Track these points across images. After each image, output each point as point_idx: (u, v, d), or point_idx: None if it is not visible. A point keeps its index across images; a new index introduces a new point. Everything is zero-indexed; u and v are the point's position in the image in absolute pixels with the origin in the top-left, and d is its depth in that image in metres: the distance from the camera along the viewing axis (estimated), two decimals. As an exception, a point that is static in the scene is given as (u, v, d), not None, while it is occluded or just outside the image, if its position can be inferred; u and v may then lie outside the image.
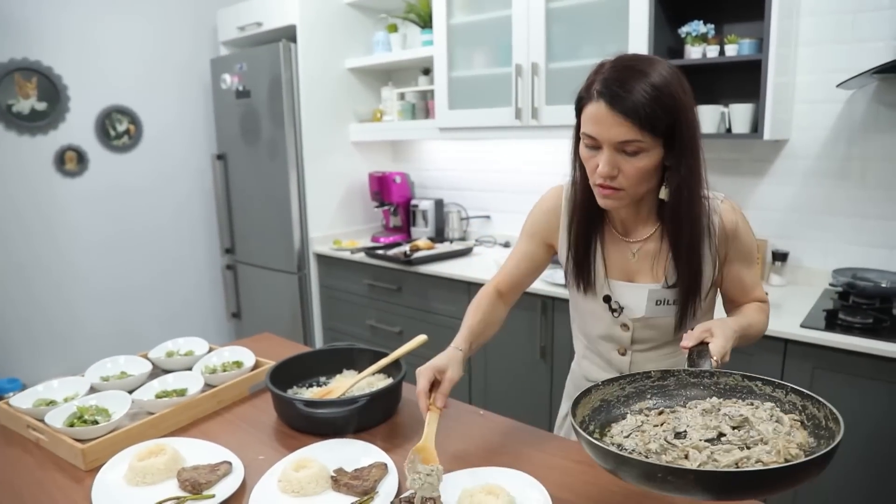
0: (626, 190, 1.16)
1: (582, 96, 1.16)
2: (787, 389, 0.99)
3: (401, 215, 3.67)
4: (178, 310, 4.04)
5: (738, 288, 1.34)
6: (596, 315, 1.38)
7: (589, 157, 1.17)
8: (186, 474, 1.14)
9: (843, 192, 2.45)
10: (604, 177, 1.14)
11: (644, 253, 1.31)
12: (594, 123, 1.11)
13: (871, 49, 2.28)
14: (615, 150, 1.11)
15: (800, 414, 0.96)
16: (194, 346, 1.79)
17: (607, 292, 1.34)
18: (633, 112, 1.07)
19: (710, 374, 1.05)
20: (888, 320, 2.06)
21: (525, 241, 1.45)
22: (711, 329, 1.12)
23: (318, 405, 1.32)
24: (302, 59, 3.40)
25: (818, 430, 0.91)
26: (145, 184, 3.79)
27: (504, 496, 1.01)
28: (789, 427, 0.92)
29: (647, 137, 1.09)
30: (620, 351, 1.38)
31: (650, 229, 1.30)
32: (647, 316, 1.31)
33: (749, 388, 1.03)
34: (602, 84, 1.10)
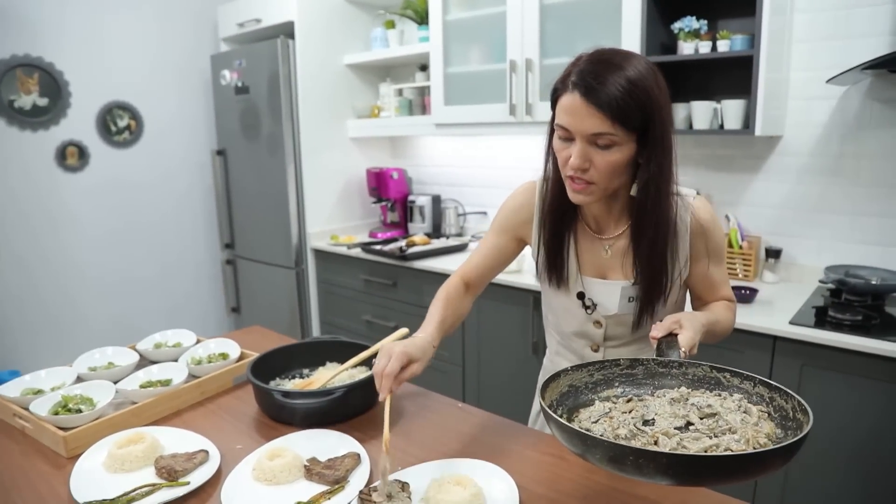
0: (597, 184, 1.15)
1: (557, 87, 1.16)
2: (756, 381, 0.99)
3: (398, 211, 3.69)
4: (178, 304, 4.08)
5: (707, 285, 1.35)
6: (569, 311, 1.38)
7: (561, 148, 1.16)
8: (164, 462, 1.16)
9: (836, 189, 2.44)
10: (575, 169, 1.13)
11: (616, 250, 1.31)
12: (568, 115, 1.11)
13: (864, 45, 2.27)
14: (588, 143, 1.11)
15: (767, 405, 0.97)
16: (182, 337, 1.81)
17: (581, 289, 1.34)
18: (607, 104, 1.07)
19: (678, 365, 1.06)
20: (878, 318, 2.06)
21: (495, 234, 1.45)
22: (680, 321, 1.13)
23: (295, 396, 1.34)
24: (300, 55, 3.42)
25: (785, 422, 0.92)
26: (146, 179, 3.82)
27: (471, 486, 1.02)
28: (757, 418, 0.93)
29: (620, 131, 1.09)
30: (593, 347, 1.39)
31: (622, 226, 1.30)
32: (619, 313, 1.32)
33: (717, 379, 1.03)
34: (577, 76, 1.10)
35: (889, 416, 1.86)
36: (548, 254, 1.35)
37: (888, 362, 1.84)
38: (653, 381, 1.07)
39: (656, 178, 1.17)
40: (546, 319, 1.52)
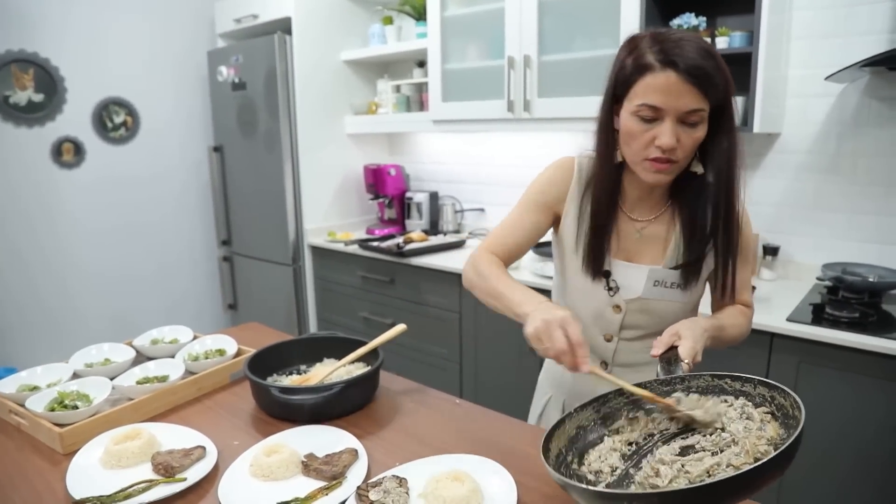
0: (679, 163, 1.14)
1: (632, 72, 1.12)
2: (755, 382, 0.99)
3: (395, 207, 3.68)
4: (176, 301, 4.07)
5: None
6: (588, 293, 1.32)
7: (642, 130, 1.12)
8: (160, 458, 1.16)
9: (834, 186, 2.45)
10: (667, 149, 1.10)
11: (649, 233, 1.28)
12: (660, 93, 1.08)
13: (863, 43, 2.27)
14: (677, 121, 1.10)
15: (769, 405, 0.96)
16: (179, 334, 1.81)
17: (608, 269, 1.29)
18: (705, 78, 1.06)
19: (681, 380, 1.06)
20: (875, 315, 2.06)
21: (530, 210, 1.35)
22: (679, 331, 1.11)
23: (293, 392, 1.33)
24: (297, 51, 3.41)
25: (787, 420, 0.92)
26: (142, 175, 3.81)
27: (469, 482, 1.02)
28: (760, 422, 0.93)
29: (707, 106, 1.09)
30: (607, 337, 1.34)
31: (658, 209, 1.28)
32: (643, 296, 1.28)
33: (720, 386, 1.03)
34: (662, 53, 1.08)
35: (886, 413, 1.87)
36: (590, 242, 1.28)
37: (885, 359, 1.84)
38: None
39: (734, 156, 1.16)
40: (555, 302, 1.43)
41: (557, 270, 1.43)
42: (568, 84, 2.63)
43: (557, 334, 1.02)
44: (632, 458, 1.00)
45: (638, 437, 1.03)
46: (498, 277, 1.25)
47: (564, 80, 2.64)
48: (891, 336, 1.88)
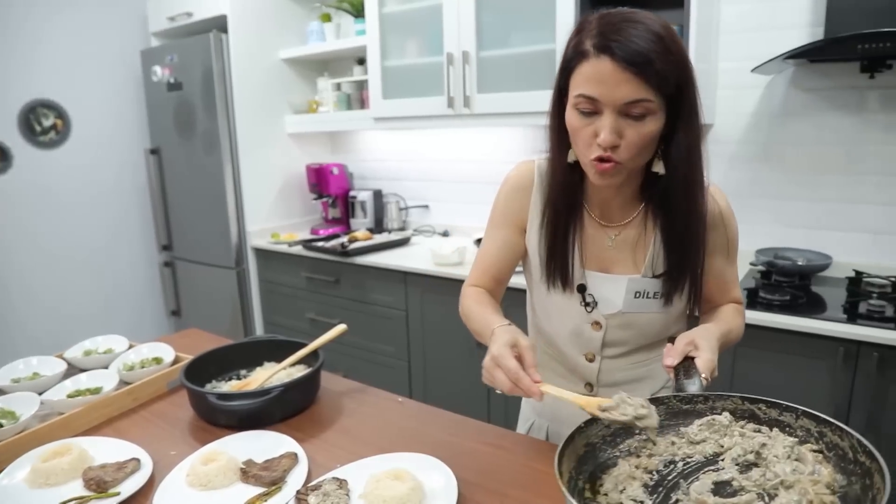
0: (625, 163, 1.01)
1: (571, 57, 1.01)
2: (798, 413, 0.86)
3: (339, 207, 3.65)
4: (115, 310, 3.95)
5: (719, 285, 1.23)
6: (564, 310, 1.22)
7: (582, 125, 1.01)
8: (92, 473, 1.12)
9: (764, 175, 2.53)
10: (606, 146, 0.98)
11: (622, 240, 1.18)
12: (595, 83, 0.96)
13: (787, 36, 2.36)
14: (618, 114, 0.97)
15: (817, 443, 0.83)
16: (113, 343, 1.75)
17: (582, 282, 1.19)
18: (646, 65, 0.93)
19: (703, 399, 0.93)
20: (804, 297, 2.14)
21: (497, 229, 1.26)
22: (695, 341, 1.01)
23: (230, 398, 1.31)
24: (234, 50, 3.34)
25: (845, 464, 0.77)
26: (75, 180, 3.68)
27: (409, 480, 1.02)
28: (812, 465, 0.79)
29: (657, 97, 0.96)
30: (588, 357, 1.24)
31: (631, 212, 1.17)
32: (623, 310, 1.18)
33: (751, 411, 0.91)
34: (599, 38, 0.95)
35: (815, 389, 1.94)
36: (552, 250, 1.18)
37: (814, 339, 1.91)
38: (677, 422, 0.94)
39: (695, 148, 1.05)
40: (531, 325, 1.37)
41: (528, 288, 1.34)
42: (507, 79, 2.65)
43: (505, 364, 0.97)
44: (657, 491, 0.84)
45: (658, 463, 0.89)
46: (468, 312, 1.21)
47: (503, 76, 2.66)
48: (819, 317, 1.95)
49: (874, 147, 2.30)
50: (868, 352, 1.84)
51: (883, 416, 1.86)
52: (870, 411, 1.86)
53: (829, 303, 2.11)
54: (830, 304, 2.09)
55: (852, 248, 2.39)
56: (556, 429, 1.34)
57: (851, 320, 1.92)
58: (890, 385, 1.83)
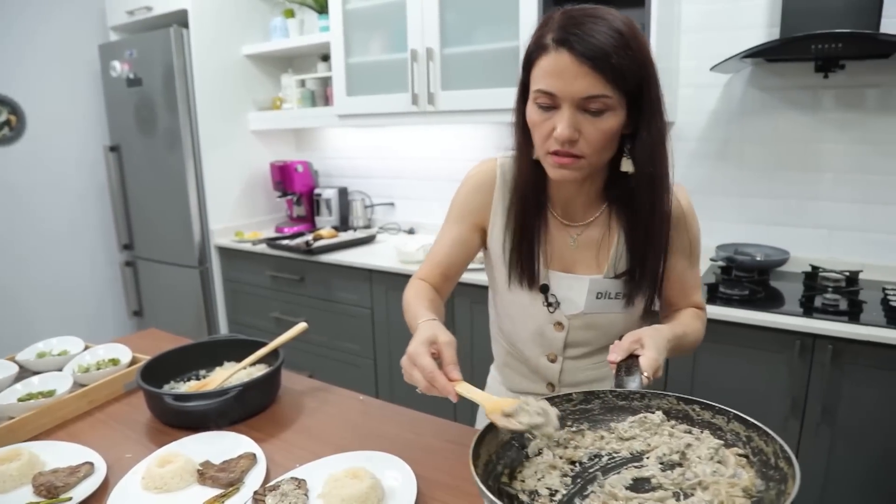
0: (586, 158, 1.01)
1: (532, 50, 1.01)
2: (730, 416, 0.87)
3: (304, 205, 3.62)
4: (75, 311, 3.85)
5: (680, 288, 1.22)
6: (526, 311, 1.22)
7: (541, 120, 1.01)
8: (42, 479, 1.09)
9: (723, 172, 2.57)
10: (563, 140, 0.98)
11: (585, 240, 1.18)
12: (553, 77, 0.96)
13: (745, 36, 2.40)
14: (577, 109, 0.97)
15: (744, 447, 0.83)
16: (68, 345, 1.71)
17: (545, 282, 1.19)
18: (603, 60, 0.93)
19: (640, 396, 0.93)
20: (763, 292, 2.18)
21: (453, 225, 1.24)
22: (642, 339, 1.00)
23: (187, 398, 1.28)
24: (195, 45, 3.29)
25: (766, 469, 0.78)
26: (31, 178, 3.57)
27: (368, 478, 1.01)
28: (733, 469, 0.80)
29: (615, 93, 0.96)
30: (550, 357, 1.24)
31: (592, 213, 1.17)
32: (585, 311, 1.18)
33: (685, 412, 0.91)
34: (559, 32, 0.96)
35: (773, 381, 1.98)
36: (517, 249, 1.17)
37: (771, 332, 1.95)
38: (611, 417, 0.94)
39: (659, 148, 1.04)
40: (493, 325, 1.37)
41: (490, 288, 1.33)
42: (471, 76, 2.65)
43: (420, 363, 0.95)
44: (575, 482, 0.83)
45: (582, 455, 0.88)
46: (407, 304, 1.18)
47: (467, 73, 2.66)
48: (777, 311, 1.99)
49: (829, 145, 2.35)
50: (823, 344, 1.88)
51: (838, 407, 1.90)
52: (825, 402, 1.91)
53: (787, 297, 2.15)
54: (788, 299, 2.13)
55: (809, 244, 2.44)
56: None
57: (808, 314, 1.96)
58: (844, 377, 1.88)
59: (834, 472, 1.95)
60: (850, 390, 1.88)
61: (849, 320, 1.90)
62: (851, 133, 2.30)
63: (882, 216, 2.30)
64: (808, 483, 1.99)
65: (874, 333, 1.80)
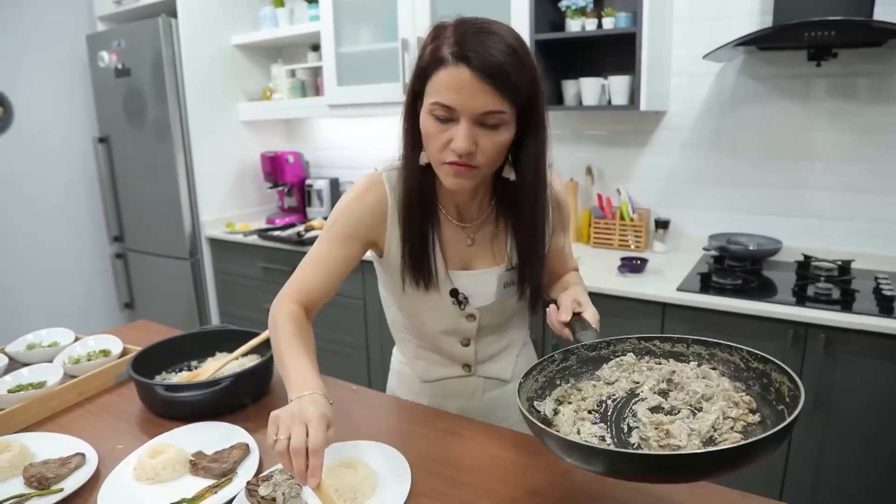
0: (480, 168, 1.04)
1: (428, 63, 1.01)
2: (689, 342, 0.98)
3: (295, 196, 3.60)
4: (66, 304, 3.81)
5: (560, 257, 1.33)
6: (436, 311, 1.24)
7: (438, 131, 1.01)
8: (33, 470, 1.08)
9: (716, 161, 2.57)
10: (462, 153, 0.99)
11: (481, 237, 1.22)
12: (453, 91, 0.97)
13: (737, 24, 2.39)
14: (474, 123, 0.99)
15: (709, 362, 0.96)
16: (59, 336, 1.70)
17: (452, 286, 1.21)
18: (502, 77, 0.95)
19: (606, 344, 1.03)
20: (756, 281, 2.18)
21: (339, 243, 1.18)
22: (578, 299, 1.12)
23: (179, 389, 1.27)
24: (184, 35, 3.26)
25: (738, 374, 0.92)
26: (19, 170, 3.53)
27: (362, 469, 1.01)
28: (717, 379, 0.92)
29: (510, 108, 0.99)
30: (464, 342, 1.29)
31: (484, 211, 1.21)
32: (496, 301, 1.24)
33: (647, 348, 1.02)
34: (458, 47, 0.96)
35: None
36: (413, 256, 1.17)
37: (764, 322, 1.96)
38: (589, 368, 1.03)
39: (543, 157, 1.09)
40: (396, 325, 1.38)
41: (387, 293, 1.33)
42: (462, 66, 2.62)
43: (294, 434, 0.86)
44: (608, 425, 0.90)
45: (591, 404, 0.95)
46: (287, 341, 1.10)
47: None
48: (770, 300, 2.00)
49: (821, 134, 2.35)
50: (816, 333, 1.89)
51: (830, 395, 1.91)
52: (818, 391, 1.92)
53: (780, 286, 2.16)
54: (780, 288, 2.14)
55: (801, 233, 2.45)
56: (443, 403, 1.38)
57: (800, 303, 1.97)
58: (836, 365, 1.88)
59: (826, 460, 1.96)
60: (842, 379, 1.89)
61: (841, 309, 1.90)
62: (844, 122, 2.30)
63: (874, 205, 2.30)
64: (801, 471, 2.00)
65: (866, 322, 1.81)
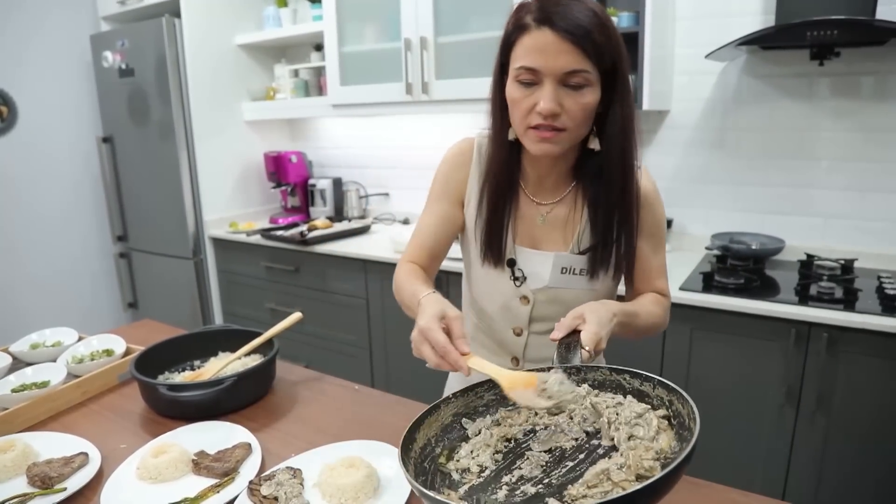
0: (568, 131, 1.04)
1: (511, 31, 1.05)
2: (655, 383, 0.90)
3: (299, 195, 3.60)
4: (69, 303, 3.82)
5: (642, 271, 1.22)
6: (493, 284, 1.24)
7: (523, 96, 1.04)
8: (36, 469, 1.08)
9: (719, 161, 2.57)
10: (547, 114, 1.01)
11: (553, 217, 1.20)
12: (536, 53, 1.00)
13: (739, 23, 2.39)
14: (559, 84, 1.01)
15: (667, 409, 0.87)
16: (62, 336, 1.70)
17: (512, 256, 1.22)
18: (584, 36, 0.97)
19: (576, 370, 0.95)
20: (758, 280, 2.18)
21: (437, 202, 1.26)
22: (583, 314, 0.99)
23: (182, 388, 1.28)
24: (188, 35, 3.26)
25: (682, 431, 0.82)
26: (23, 170, 3.54)
27: (364, 468, 1.01)
28: (655, 430, 0.83)
29: (594, 69, 1.00)
30: (516, 331, 1.26)
31: (562, 191, 1.20)
32: (550, 285, 1.20)
33: (618, 382, 0.94)
34: (539, 12, 1.00)
35: (768, 369, 1.98)
36: (488, 226, 1.20)
37: (766, 321, 1.95)
38: None
39: (628, 124, 1.08)
40: (465, 298, 1.37)
41: (465, 263, 1.34)
42: (465, 65, 2.63)
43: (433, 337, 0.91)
44: (506, 458, 0.87)
45: (517, 431, 0.92)
46: (402, 286, 1.16)
47: (461, 62, 2.65)
48: (773, 299, 2.00)
49: (824, 133, 2.34)
50: (818, 333, 1.88)
51: (833, 394, 1.91)
52: (820, 390, 1.91)
53: (782, 285, 2.16)
54: (783, 287, 2.14)
55: (804, 232, 2.45)
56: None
57: (803, 302, 1.97)
58: (839, 364, 1.88)
59: (829, 460, 1.95)
60: (845, 378, 1.88)
61: (844, 308, 1.90)
62: (846, 121, 2.30)
63: (877, 204, 2.30)
64: (804, 470, 2.00)
65: (869, 321, 1.81)
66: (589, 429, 0.90)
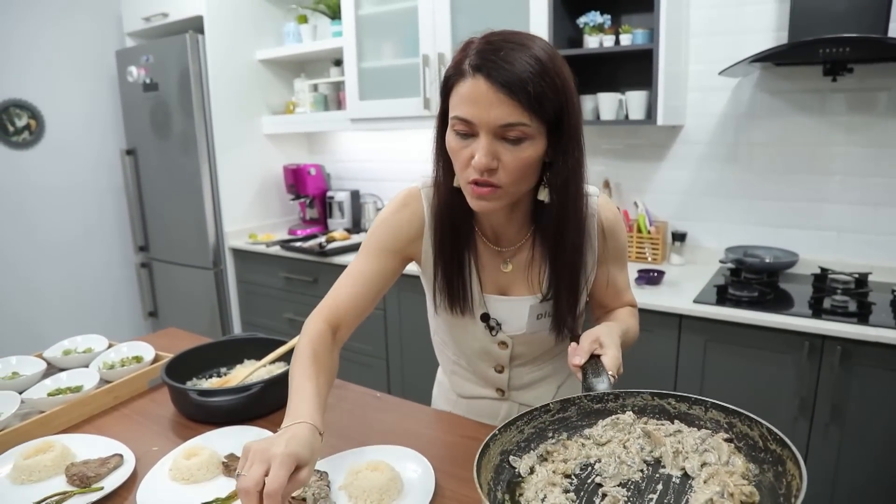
0: (504, 188, 0.98)
1: (450, 75, 0.98)
2: (707, 405, 0.86)
3: (317, 207, 3.66)
4: (92, 311, 3.91)
5: (612, 291, 1.25)
6: (467, 331, 1.23)
7: (460, 147, 0.98)
8: (75, 469, 1.13)
9: (732, 175, 2.60)
10: (481, 169, 0.95)
11: (518, 263, 1.17)
12: (470, 104, 0.93)
13: (753, 40, 2.43)
14: (494, 137, 0.94)
15: (726, 432, 0.83)
16: (93, 343, 1.75)
17: (484, 310, 1.19)
18: (520, 87, 0.90)
19: (614, 397, 0.92)
20: (772, 293, 2.20)
21: (375, 257, 1.17)
22: (600, 339, 0.99)
23: (211, 394, 1.33)
24: (210, 50, 3.34)
25: (755, 453, 0.78)
26: (50, 181, 3.64)
27: (387, 471, 1.05)
28: (728, 455, 0.79)
29: (534, 122, 0.93)
30: (497, 369, 1.28)
31: (523, 236, 1.16)
32: (528, 332, 1.20)
33: (661, 406, 0.90)
34: (476, 58, 0.92)
35: (782, 382, 2.00)
36: (447, 278, 1.16)
37: (780, 334, 1.98)
38: (588, 421, 0.94)
39: (573, 177, 1.02)
40: (436, 336, 1.39)
41: (430, 308, 1.32)
42: (482, 81, 2.68)
43: (254, 470, 0.78)
44: (579, 496, 0.82)
45: (574, 467, 0.87)
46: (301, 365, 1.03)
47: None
48: (786, 312, 2.02)
49: (837, 148, 2.37)
50: (832, 346, 1.90)
51: (847, 408, 1.92)
52: (834, 403, 1.93)
53: (796, 299, 2.18)
54: (797, 300, 2.16)
55: (818, 246, 2.47)
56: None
57: (817, 315, 1.99)
58: (853, 378, 1.90)
59: (843, 472, 1.97)
60: (858, 391, 1.90)
61: (858, 322, 1.92)
62: (860, 136, 2.32)
63: (890, 218, 2.32)
64: (818, 483, 2.01)
65: (883, 335, 1.82)
66: (647, 458, 0.86)
